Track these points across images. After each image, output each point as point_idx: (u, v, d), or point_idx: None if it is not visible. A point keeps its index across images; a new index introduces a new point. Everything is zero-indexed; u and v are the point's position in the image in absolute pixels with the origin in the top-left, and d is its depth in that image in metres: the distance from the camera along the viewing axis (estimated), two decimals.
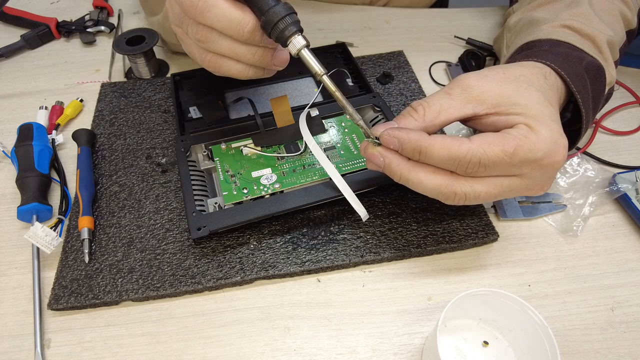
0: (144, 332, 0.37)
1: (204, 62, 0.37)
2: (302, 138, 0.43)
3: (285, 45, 0.34)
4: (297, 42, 0.34)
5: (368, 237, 0.41)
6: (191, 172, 0.43)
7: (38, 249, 0.41)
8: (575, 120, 0.40)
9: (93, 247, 0.41)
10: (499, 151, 0.31)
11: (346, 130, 0.47)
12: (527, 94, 0.34)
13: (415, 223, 0.42)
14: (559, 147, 0.33)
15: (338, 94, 0.36)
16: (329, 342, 0.36)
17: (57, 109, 0.54)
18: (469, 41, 0.62)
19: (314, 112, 0.48)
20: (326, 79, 0.35)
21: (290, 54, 0.35)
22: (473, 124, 0.36)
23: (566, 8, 0.45)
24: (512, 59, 0.43)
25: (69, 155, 0.50)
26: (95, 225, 0.43)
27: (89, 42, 0.64)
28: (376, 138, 0.35)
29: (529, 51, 0.42)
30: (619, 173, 0.46)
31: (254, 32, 0.34)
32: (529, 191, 0.35)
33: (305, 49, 0.35)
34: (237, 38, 0.34)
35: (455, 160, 0.32)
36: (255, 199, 0.41)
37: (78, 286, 0.39)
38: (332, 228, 0.42)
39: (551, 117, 0.33)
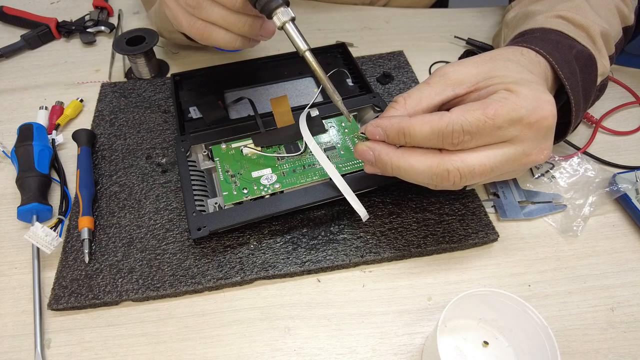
0: (144, 332, 0.37)
1: (191, 29, 0.36)
2: (302, 138, 0.43)
3: (270, 17, 0.34)
4: (282, 15, 0.33)
5: (368, 237, 0.41)
6: (191, 172, 0.43)
7: (38, 249, 0.41)
8: (567, 112, 0.40)
9: (93, 247, 0.41)
10: (479, 115, 0.31)
11: (346, 130, 0.47)
12: (504, 67, 0.35)
13: (415, 223, 0.42)
14: (543, 102, 0.32)
15: (320, 72, 0.35)
16: (329, 342, 0.36)
17: (57, 109, 0.54)
18: (469, 41, 0.62)
19: (314, 112, 0.48)
20: (309, 55, 0.35)
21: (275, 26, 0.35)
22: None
23: (562, 1, 0.45)
24: None
25: (69, 155, 0.50)
26: (95, 225, 0.43)
27: (89, 42, 0.64)
28: (362, 134, 0.36)
29: (520, 39, 0.42)
30: (619, 173, 0.46)
31: (247, 1, 0.33)
32: (528, 157, 0.33)
33: (290, 22, 0.34)
34: (230, 6, 0.34)
35: (439, 133, 0.32)
36: (255, 199, 0.41)
37: (78, 286, 0.39)
38: (332, 228, 0.42)
39: (531, 80, 0.34)
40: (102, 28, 0.66)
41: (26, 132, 0.47)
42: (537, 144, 0.33)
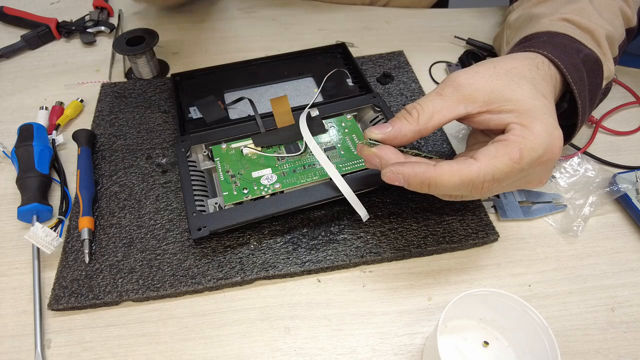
0: (144, 333, 0.37)
1: None
2: (302, 138, 0.43)
3: None
4: None
5: (368, 237, 0.41)
6: (191, 173, 0.43)
7: (38, 249, 0.41)
8: (572, 114, 0.40)
9: (93, 248, 0.41)
10: (507, 160, 0.31)
11: (346, 130, 0.47)
12: (518, 88, 0.34)
13: (416, 223, 0.42)
14: (555, 139, 0.33)
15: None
16: (329, 343, 0.36)
17: (57, 109, 0.54)
18: (469, 41, 0.62)
19: (314, 112, 0.48)
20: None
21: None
22: (467, 122, 0.36)
23: (566, 3, 0.45)
24: (511, 52, 0.43)
25: (69, 156, 0.50)
26: (95, 225, 0.43)
27: (89, 42, 0.64)
28: (370, 139, 0.36)
29: (526, 43, 0.42)
30: (619, 173, 0.46)
31: None
32: (528, 184, 0.35)
33: None
34: None
35: (469, 183, 0.31)
36: (255, 199, 0.41)
37: (78, 286, 0.39)
38: (332, 228, 0.42)
39: (544, 110, 0.33)
40: (102, 28, 0.65)
41: (26, 132, 0.47)
42: (540, 176, 0.35)
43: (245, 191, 0.42)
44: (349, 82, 0.54)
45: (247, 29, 0.67)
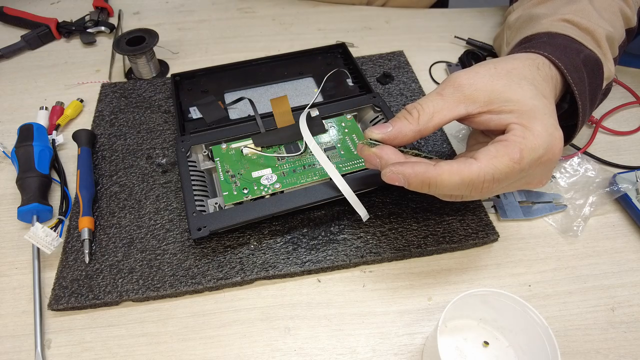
0: (144, 333, 0.37)
1: None
2: (302, 138, 0.43)
3: None
4: None
5: (368, 237, 0.41)
6: (191, 173, 0.43)
7: (38, 249, 0.41)
8: (572, 115, 0.40)
9: (93, 248, 0.41)
10: (507, 161, 0.31)
11: (346, 130, 0.47)
12: (518, 88, 0.34)
13: (416, 223, 0.42)
14: (555, 139, 0.33)
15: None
16: (329, 343, 0.36)
17: (58, 110, 0.54)
18: (469, 41, 0.62)
19: (314, 113, 0.48)
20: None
21: None
22: (467, 122, 0.36)
23: (566, 4, 0.45)
24: (511, 53, 0.43)
25: (69, 156, 0.50)
26: (95, 225, 0.43)
27: (89, 42, 0.64)
28: (370, 139, 0.35)
29: (527, 44, 0.42)
30: (619, 173, 0.46)
31: None
32: (528, 185, 0.35)
33: None
34: None
35: (470, 183, 0.31)
36: (255, 199, 0.41)
37: (78, 286, 0.39)
38: (332, 228, 0.42)
39: (544, 111, 0.33)
40: (102, 28, 0.66)
41: (26, 132, 0.47)
42: (540, 176, 0.35)
43: (245, 191, 0.42)
44: (349, 82, 0.54)
45: (247, 29, 0.67)
